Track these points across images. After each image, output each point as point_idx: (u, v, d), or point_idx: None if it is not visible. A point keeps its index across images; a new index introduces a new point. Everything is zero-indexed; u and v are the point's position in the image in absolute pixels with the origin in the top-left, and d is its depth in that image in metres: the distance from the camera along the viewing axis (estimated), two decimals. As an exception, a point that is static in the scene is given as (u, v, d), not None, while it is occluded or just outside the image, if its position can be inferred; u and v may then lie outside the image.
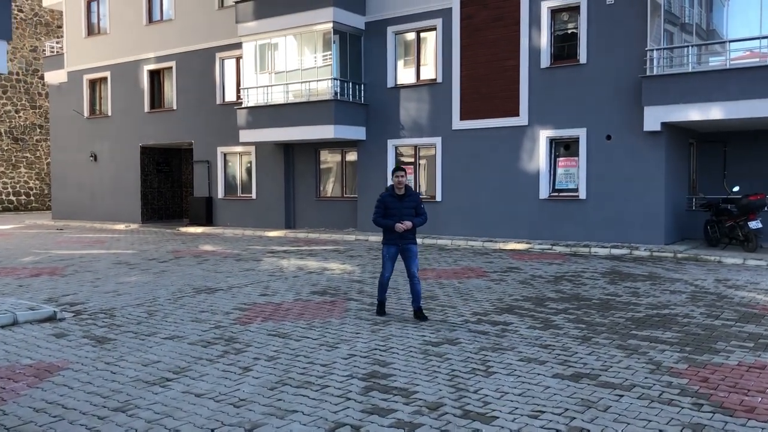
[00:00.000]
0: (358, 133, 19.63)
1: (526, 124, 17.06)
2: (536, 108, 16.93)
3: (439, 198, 18.56)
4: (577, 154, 16.58)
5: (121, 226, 24.46)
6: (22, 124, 39.19)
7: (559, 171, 16.97)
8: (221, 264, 13.17)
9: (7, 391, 5.36)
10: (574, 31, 16.63)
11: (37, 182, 39.62)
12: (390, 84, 19.35)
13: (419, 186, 19.19)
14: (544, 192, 16.88)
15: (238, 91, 22.09)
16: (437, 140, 18.54)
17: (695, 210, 16.69)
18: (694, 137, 17.47)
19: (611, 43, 15.84)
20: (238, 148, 22.68)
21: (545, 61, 16.82)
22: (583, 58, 16.29)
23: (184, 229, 22.67)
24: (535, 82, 16.93)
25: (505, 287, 10.32)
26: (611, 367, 6.00)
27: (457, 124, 18.15)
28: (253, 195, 22.45)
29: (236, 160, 23.18)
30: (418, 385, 5.49)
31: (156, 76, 25.43)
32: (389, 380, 5.62)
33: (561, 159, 16.96)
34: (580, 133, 16.36)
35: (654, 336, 7.12)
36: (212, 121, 23.34)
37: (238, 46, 21.73)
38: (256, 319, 8.02)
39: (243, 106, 20.93)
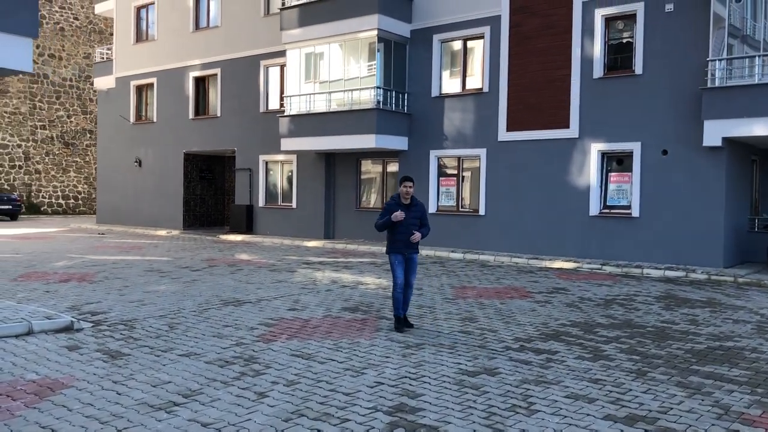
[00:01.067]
0: (400, 143, 19.11)
1: (577, 136, 16.27)
2: (588, 120, 16.13)
3: (482, 211, 17.87)
4: (630, 170, 15.70)
5: (163, 232, 24.44)
6: (73, 129, 39.95)
7: (611, 186, 16.10)
8: (254, 274, 12.76)
9: (1, 411, 4.95)
10: (630, 40, 15.80)
11: (85, 186, 40.30)
12: (434, 93, 18.80)
13: (462, 199, 18.54)
14: (594, 208, 16.03)
15: (281, 99, 21.85)
16: (482, 152, 17.87)
17: (758, 231, 15.62)
18: (757, 153, 16.41)
19: (669, 53, 14.97)
20: (280, 157, 22.42)
21: (598, 71, 16.03)
22: (638, 68, 15.44)
23: (224, 237, 22.48)
24: (587, 93, 16.14)
25: (550, 310, 9.60)
26: (671, 409, 5.28)
27: (504, 135, 17.46)
28: (294, 204, 22.12)
29: (278, 169, 22.92)
30: (449, 423, 4.87)
31: (201, 83, 25.44)
32: (418, 415, 5.02)
33: (613, 174, 16.10)
34: (634, 147, 15.49)
35: (719, 373, 6.35)
36: (255, 129, 23.16)
37: (282, 53, 21.49)
38: (281, 337, 7.52)
39: (285, 114, 20.65)
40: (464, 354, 6.91)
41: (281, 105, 21.85)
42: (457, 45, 18.66)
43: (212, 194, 27.21)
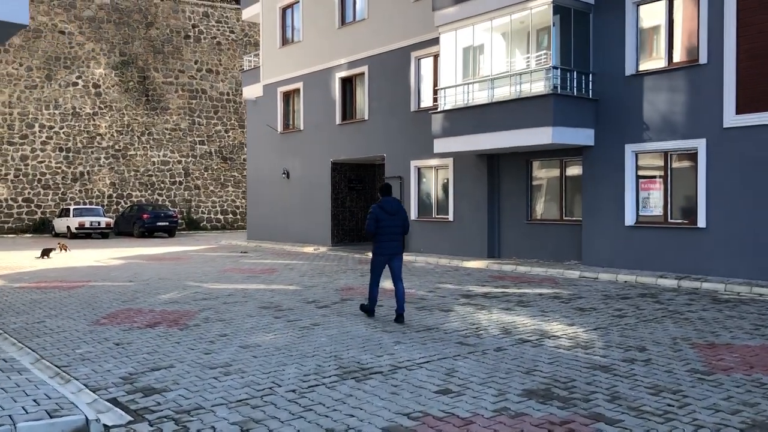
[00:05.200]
0: (583, 137, 15.09)
1: None
2: None
3: (702, 223, 13.37)
4: None
5: (310, 249, 22.16)
6: (230, 143, 39.66)
7: None
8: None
9: None
10: None
11: (243, 201, 39.77)
12: (629, 71, 14.59)
13: (671, 206, 14.12)
14: None
15: (435, 93, 18.62)
16: (699, 143, 13.40)
17: None
18: None
19: None
20: (434, 161, 19.19)
21: None
22: None
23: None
24: None
25: None
26: None
27: (732, 119, 12.89)
28: (450, 216, 18.75)
29: (431, 176, 19.70)
30: None
31: (348, 84, 22.96)
32: None
33: None
34: None
35: None
36: (405, 131, 20.15)
37: (435, 41, 18.33)
38: (420, 469, 4.11)
39: (439, 110, 17.38)
40: None
41: (434, 100, 18.63)
42: (659, 7, 14.31)
43: (362, 207, 24.58)
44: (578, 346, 7.46)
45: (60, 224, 31.32)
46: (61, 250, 21.34)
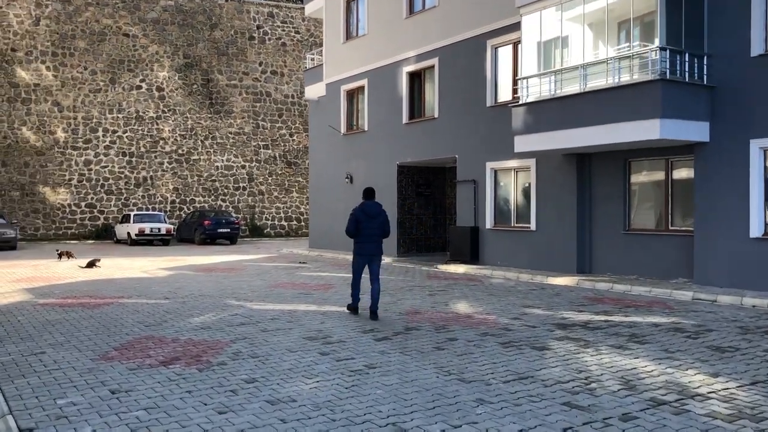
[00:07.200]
0: (696, 131, 12.63)
1: None
2: None
3: None
4: None
5: (373, 260, 20.24)
6: (295, 147, 38.41)
7: None
8: (474, 354, 7.40)
9: None
10: None
11: (307, 207, 38.33)
12: (756, 51, 12.07)
13: (811, 215, 11.51)
14: None
15: (515, 84, 16.44)
16: None
17: None
18: None
19: None
20: (513, 163, 17.00)
21: None
22: None
23: (442, 268, 17.63)
24: None
25: None
26: None
27: None
28: (532, 225, 16.49)
29: (510, 179, 17.49)
30: None
31: (416, 79, 21.03)
32: None
33: None
34: None
35: None
36: (480, 129, 18.04)
37: (516, 27, 16.18)
38: None
39: (520, 102, 15.21)
40: None
41: (514, 92, 16.44)
42: (795, -29, 11.77)
43: (431, 213, 22.58)
44: (741, 414, 5.21)
45: (121, 230, 30.60)
46: (62, 258, 20.53)
